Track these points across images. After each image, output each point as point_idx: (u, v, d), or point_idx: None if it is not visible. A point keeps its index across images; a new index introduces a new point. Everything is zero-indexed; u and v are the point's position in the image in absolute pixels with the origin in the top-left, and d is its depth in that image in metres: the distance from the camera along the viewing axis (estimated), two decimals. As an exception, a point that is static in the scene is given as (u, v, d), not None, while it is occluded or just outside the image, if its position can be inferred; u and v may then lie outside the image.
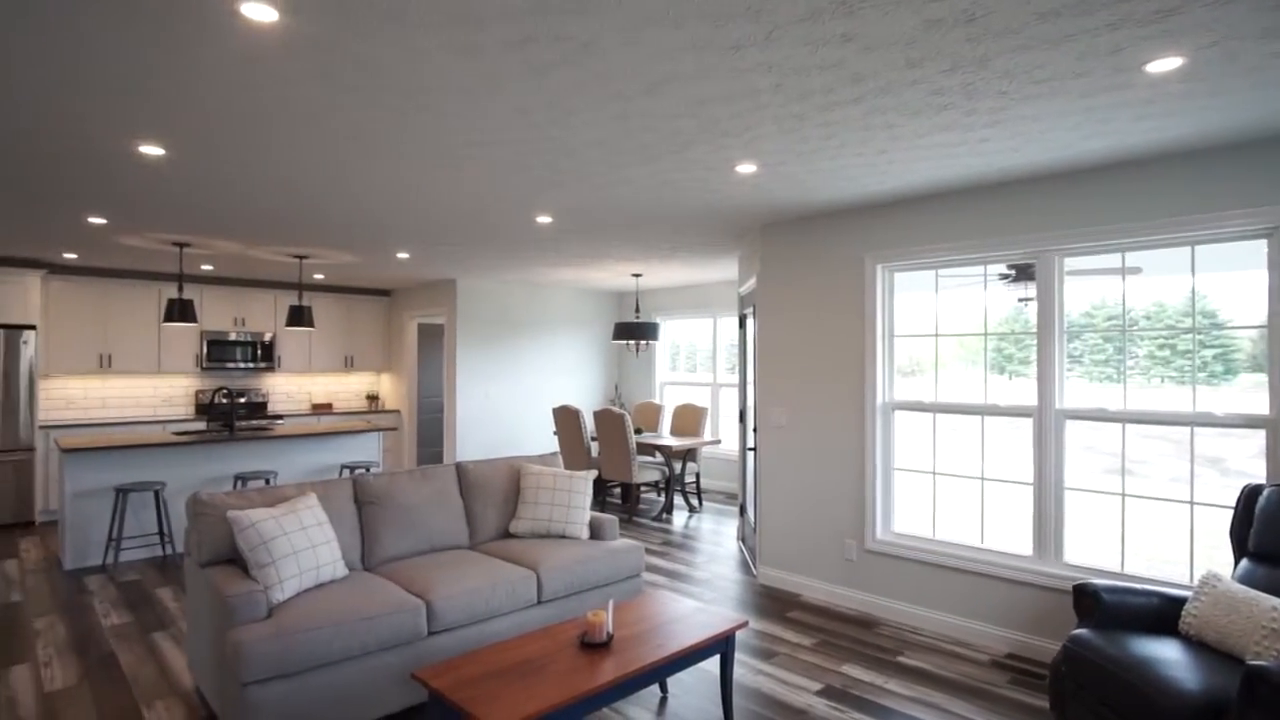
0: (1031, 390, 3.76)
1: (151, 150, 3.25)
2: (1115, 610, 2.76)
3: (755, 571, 5.12)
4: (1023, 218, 3.75)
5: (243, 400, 8.28)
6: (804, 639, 3.91)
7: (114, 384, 7.55)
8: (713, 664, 3.54)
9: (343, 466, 6.53)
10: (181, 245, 5.76)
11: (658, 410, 8.09)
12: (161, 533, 5.37)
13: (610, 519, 4.16)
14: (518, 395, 8.58)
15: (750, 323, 5.46)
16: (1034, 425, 3.73)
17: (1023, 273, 3.93)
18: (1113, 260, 3.58)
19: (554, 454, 4.60)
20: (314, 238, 5.49)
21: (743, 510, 5.87)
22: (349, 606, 2.91)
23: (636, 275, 7.66)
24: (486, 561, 3.58)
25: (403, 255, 6.37)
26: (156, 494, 5.35)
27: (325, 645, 2.76)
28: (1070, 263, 3.68)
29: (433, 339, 9.51)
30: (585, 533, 4.07)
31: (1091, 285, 3.79)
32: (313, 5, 1.96)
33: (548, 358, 8.87)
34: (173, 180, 3.78)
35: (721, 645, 2.98)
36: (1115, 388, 3.63)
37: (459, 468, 4.15)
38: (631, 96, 2.61)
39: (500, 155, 3.34)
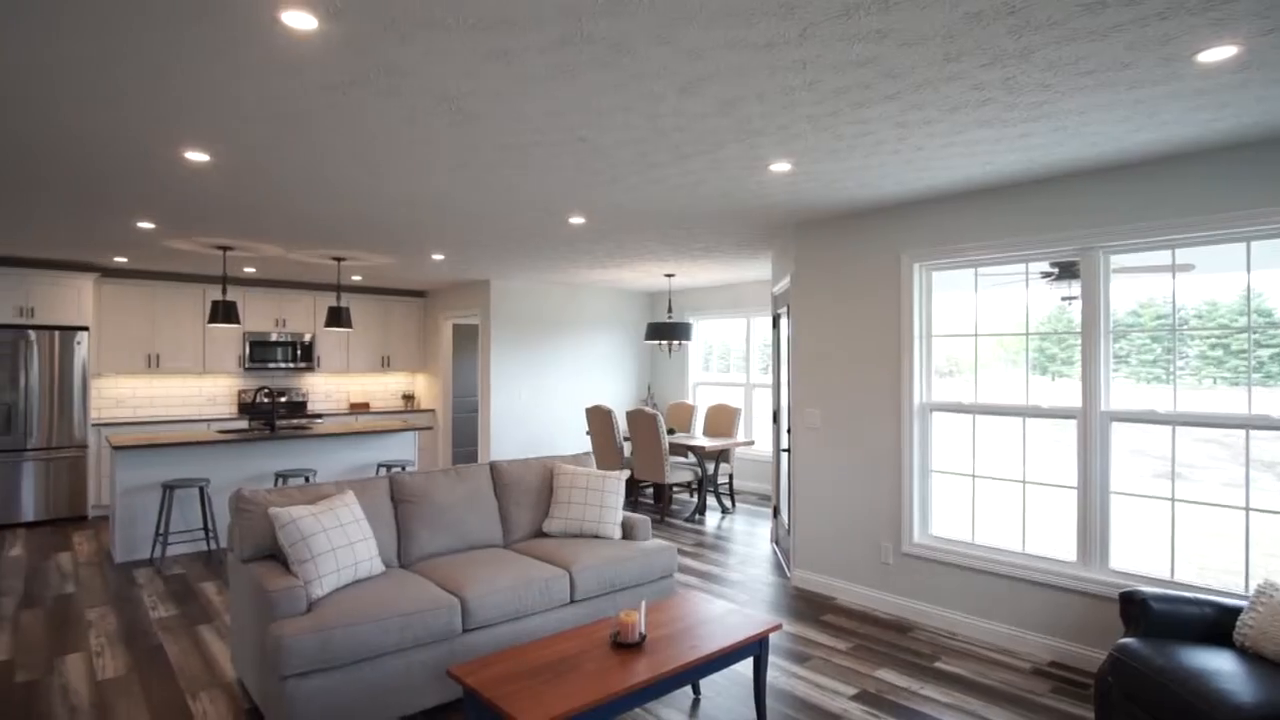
0: (1075, 391, 3.66)
1: (197, 157, 3.34)
2: (1165, 619, 2.67)
3: (789, 574, 5.07)
4: (1066, 214, 3.64)
5: (283, 400, 8.47)
6: (839, 643, 3.86)
7: (161, 383, 7.79)
8: (746, 666, 3.52)
9: (379, 465, 6.65)
10: (225, 249, 5.92)
11: (690, 411, 8.07)
12: (206, 528, 5.53)
13: (643, 519, 4.16)
14: (551, 395, 8.63)
15: (784, 323, 5.41)
16: (1078, 427, 3.63)
17: (1066, 271, 3.82)
18: (1162, 257, 3.47)
19: (587, 454, 4.62)
20: (351, 240, 5.60)
21: (776, 512, 5.82)
22: (386, 603, 2.96)
23: (669, 275, 7.64)
24: (520, 560, 3.61)
25: (438, 257, 6.46)
26: (201, 490, 5.51)
27: (362, 640, 2.81)
28: (1116, 260, 3.57)
29: (467, 339, 9.62)
30: (618, 533, 4.07)
31: (1138, 283, 3.67)
32: (350, 12, 1.99)
33: (580, 358, 8.91)
34: (217, 186, 3.89)
35: (755, 647, 2.96)
36: (1164, 389, 3.51)
37: (493, 467, 4.19)
38: (663, 96, 2.61)
39: (532, 157, 3.36)
